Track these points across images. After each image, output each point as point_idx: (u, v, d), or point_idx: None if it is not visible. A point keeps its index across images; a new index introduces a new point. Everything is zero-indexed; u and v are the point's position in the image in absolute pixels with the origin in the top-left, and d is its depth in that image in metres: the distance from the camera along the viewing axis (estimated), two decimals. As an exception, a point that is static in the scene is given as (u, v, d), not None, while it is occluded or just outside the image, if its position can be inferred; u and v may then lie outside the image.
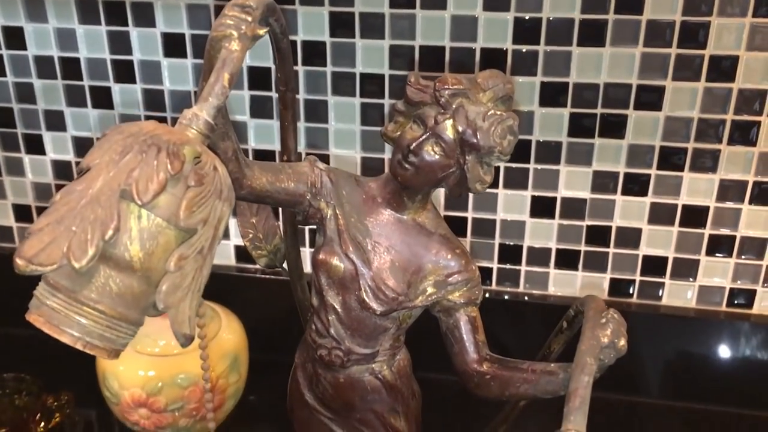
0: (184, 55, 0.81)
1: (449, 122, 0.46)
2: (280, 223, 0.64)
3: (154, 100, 0.84)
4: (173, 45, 0.81)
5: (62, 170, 0.89)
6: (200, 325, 0.53)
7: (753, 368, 0.82)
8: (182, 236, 0.36)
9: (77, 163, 0.88)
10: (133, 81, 0.83)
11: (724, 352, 0.82)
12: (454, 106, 0.46)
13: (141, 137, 0.36)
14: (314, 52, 0.78)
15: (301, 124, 0.81)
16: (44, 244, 0.34)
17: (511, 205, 0.81)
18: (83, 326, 0.36)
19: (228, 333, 0.75)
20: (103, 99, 0.85)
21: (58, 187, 0.90)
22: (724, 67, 0.72)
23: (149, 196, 0.34)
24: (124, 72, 0.83)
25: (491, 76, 0.47)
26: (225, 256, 0.90)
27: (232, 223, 0.83)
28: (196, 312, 0.37)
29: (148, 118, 0.85)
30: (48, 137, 0.88)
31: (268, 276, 0.87)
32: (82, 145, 0.87)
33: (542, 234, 0.82)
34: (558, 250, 0.83)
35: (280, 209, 0.70)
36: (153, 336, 0.71)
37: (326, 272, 0.51)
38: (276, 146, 0.83)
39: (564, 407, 0.38)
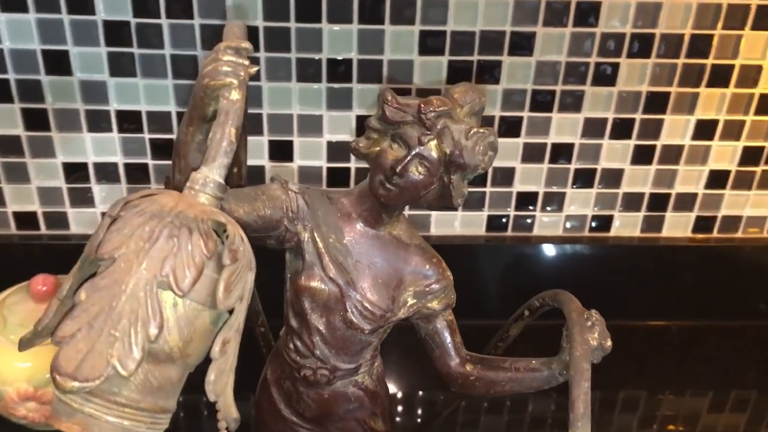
0: (24, 10, 0.71)
1: (433, 143, 0.46)
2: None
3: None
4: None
5: None
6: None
7: (612, 284, 0.91)
8: (216, 314, 0.34)
9: None
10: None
11: (587, 271, 0.90)
12: (438, 127, 0.46)
13: (167, 218, 0.32)
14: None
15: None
16: (83, 354, 0.30)
17: (393, 153, 0.82)
18: (126, 429, 0.32)
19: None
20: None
21: None
22: (588, 12, 0.76)
23: (188, 285, 0.31)
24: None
25: (467, 91, 0.47)
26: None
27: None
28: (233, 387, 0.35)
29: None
30: None
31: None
32: None
33: (423, 178, 0.84)
34: (439, 193, 0.85)
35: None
36: (27, 325, 0.66)
37: (310, 297, 0.50)
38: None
39: (569, 413, 0.41)
